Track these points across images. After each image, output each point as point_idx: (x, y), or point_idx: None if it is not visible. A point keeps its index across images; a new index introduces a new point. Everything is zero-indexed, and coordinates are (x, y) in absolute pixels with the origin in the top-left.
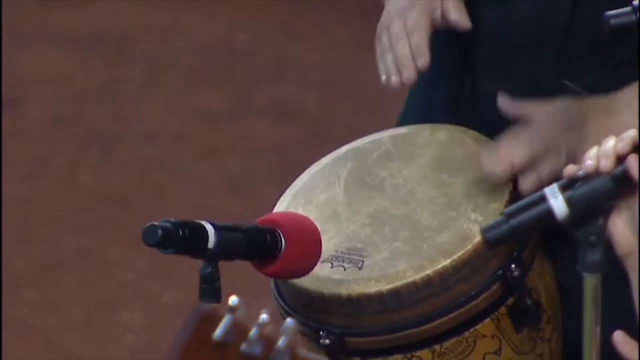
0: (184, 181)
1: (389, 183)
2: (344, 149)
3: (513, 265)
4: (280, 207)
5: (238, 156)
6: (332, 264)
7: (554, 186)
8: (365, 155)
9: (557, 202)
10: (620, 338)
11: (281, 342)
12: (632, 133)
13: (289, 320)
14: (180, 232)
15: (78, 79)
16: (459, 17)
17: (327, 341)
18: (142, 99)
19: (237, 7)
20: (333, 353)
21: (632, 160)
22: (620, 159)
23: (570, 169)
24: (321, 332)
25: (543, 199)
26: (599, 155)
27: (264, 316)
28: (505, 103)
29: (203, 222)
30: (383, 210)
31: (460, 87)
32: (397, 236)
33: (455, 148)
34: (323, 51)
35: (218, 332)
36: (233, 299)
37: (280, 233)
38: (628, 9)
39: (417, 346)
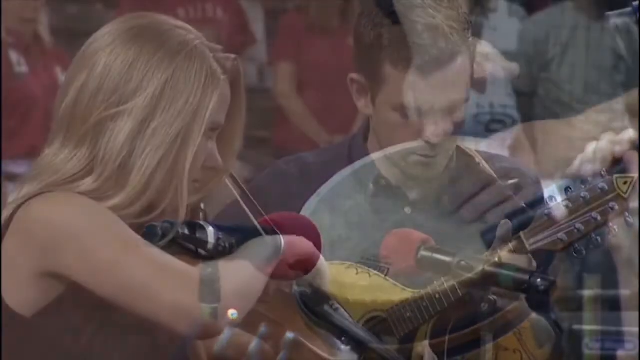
0: None
1: (417, 193)
2: (371, 157)
3: (539, 280)
4: (306, 212)
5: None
6: (357, 270)
7: (553, 188)
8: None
9: (557, 205)
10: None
11: (282, 356)
12: (629, 134)
13: (288, 334)
14: (180, 232)
15: None
16: None
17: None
18: None
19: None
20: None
21: (630, 157)
22: (619, 159)
23: (572, 169)
24: (343, 339)
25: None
26: (595, 156)
27: (263, 329)
28: None
29: (202, 223)
30: (410, 219)
31: None
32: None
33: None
34: None
35: (218, 346)
36: (233, 312)
37: (279, 234)
38: (628, 9)
39: (439, 356)
